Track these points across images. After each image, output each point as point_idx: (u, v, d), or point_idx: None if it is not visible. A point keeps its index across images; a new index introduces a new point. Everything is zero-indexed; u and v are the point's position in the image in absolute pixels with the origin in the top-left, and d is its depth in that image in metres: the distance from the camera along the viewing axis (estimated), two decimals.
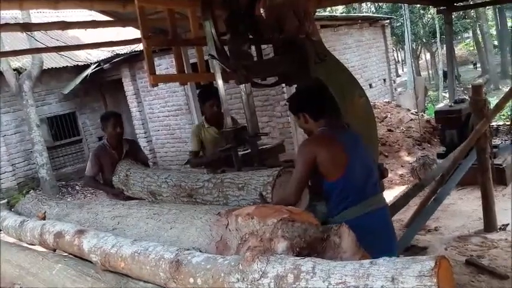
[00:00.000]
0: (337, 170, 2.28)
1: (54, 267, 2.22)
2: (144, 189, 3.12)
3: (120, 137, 3.88)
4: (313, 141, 2.39)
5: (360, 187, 2.33)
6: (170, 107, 9.79)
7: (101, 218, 2.55)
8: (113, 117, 3.86)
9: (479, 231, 4.38)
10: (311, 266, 1.21)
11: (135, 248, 1.74)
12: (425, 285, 1.01)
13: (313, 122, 2.40)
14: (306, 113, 2.40)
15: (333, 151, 2.27)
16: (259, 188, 2.34)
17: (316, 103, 2.41)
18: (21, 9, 7.82)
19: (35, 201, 3.35)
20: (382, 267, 1.10)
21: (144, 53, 3.35)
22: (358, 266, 1.14)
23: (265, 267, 1.28)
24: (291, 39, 3.30)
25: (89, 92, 11.46)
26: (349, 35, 10.58)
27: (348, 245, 1.42)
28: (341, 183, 2.29)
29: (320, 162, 2.24)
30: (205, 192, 2.63)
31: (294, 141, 7.63)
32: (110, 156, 3.77)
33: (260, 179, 2.39)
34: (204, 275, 1.43)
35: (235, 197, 2.47)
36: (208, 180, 2.69)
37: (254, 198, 2.35)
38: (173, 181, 2.89)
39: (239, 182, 2.50)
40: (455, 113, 6.13)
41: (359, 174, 2.33)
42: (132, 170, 3.37)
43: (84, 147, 11.69)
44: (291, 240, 1.42)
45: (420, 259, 1.07)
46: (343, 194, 2.30)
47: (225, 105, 3.38)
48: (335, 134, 2.35)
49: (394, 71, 13.12)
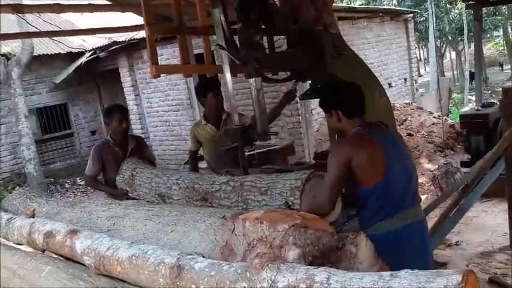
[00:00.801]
0: (374, 175, 2.22)
1: (43, 269, 2.23)
2: (151, 190, 3.08)
3: (126, 133, 3.84)
4: (348, 142, 2.33)
5: (399, 196, 2.28)
6: (170, 101, 9.81)
7: (95, 218, 2.56)
8: (118, 111, 3.79)
9: (504, 248, 4.34)
10: (325, 277, 1.22)
11: (132, 251, 1.75)
12: None
13: (346, 121, 2.34)
14: (340, 110, 2.34)
15: (370, 154, 2.21)
16: (286, 193, 2.29)
17: (351, 100, 2.36)
18: None
19: (23, 198, 3.37)
20: (404, 280, 1.10)
21: (146, 41, 3.37)
22: (377, 278, 1.14)
23: (275, 276, 1.29)
24: (306, 31, 3.31)
25: (82, 82, 11.50)
26: (369, 28, 10.57)
27: (365, 255, 1.43)
28: (378, 190, 2.23)
29: (356, 166, 2.18)
30: (223, 196, 2.59)
31: (304, 143, 7.64)
32: (114, 154, 3.72)
33: (286, 182, 2.34)
34: (207, 283, 1.44)
35: (256, 202, 2.42)
36: (226, 182, 2.64)
37: (279, 204, 2.30)
38: (185, 183, 2.85)
39: (262, 185, 2.45)
40: (483, 117, 6.12)
41: (398, 181, 2.28)
42: (139, 169, 3.32)
43: (75, 141, 11.75)
44: (303, 248, 1.44)
45: (446, 272, 1.08)
46: (380, 202, 2.25)
47: (232, 101, 3.39)
48: (372, 135, 2.30)
49: (416, 70, 13.11)
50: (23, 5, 7.02)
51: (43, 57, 10.62)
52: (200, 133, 3.96)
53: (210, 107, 3.91)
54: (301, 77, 3.65)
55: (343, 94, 2.39)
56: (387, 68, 11.17)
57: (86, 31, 7.15)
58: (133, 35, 9.16)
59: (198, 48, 5.34)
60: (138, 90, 10.40)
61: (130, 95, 10.47)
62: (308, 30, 3.30)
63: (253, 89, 3.04)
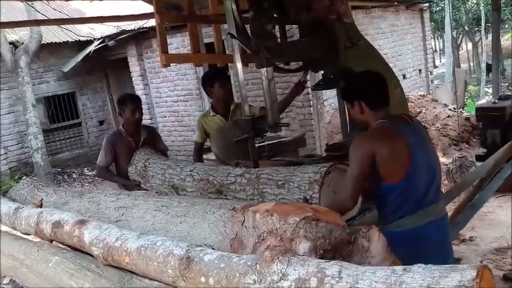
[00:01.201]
0: (398, 171, 2.17)
1: (51, 259, 2.25)
2: (164, 182, 3.07)
3: (139, 123, 3.84)
4: (371, 135, 2.25)
5: (422, 193, 2.22)
6: (179, 91, 9.83)
7: (104, 208, 2.59)
8: (131, 101, 3.80)
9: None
10: (337, 270, 1.22)
11: (141, 242, 1.76)
12: None
13: (369, 112, 2.27)
14: (363, 101, 2.27)
15: (394, 148, 2.15)
16: (304, 187, 2.25)
17: (375, 90, 2.30)
18: None
19: (31, 187, 3.40)
20: (417, 275, 1.10)
21: (155, 30, 3.38)
22: (390, 273, 1.14)
23: (285, 269, 1.29)
24: (319, 20, 3.29)
25: (91, 70, 11.54)
26: (383, 18, 10.49)
27: (377, 250, 1.43)
28: (401, 186, 2.17)
29: (379, 160, 2.12)
30: (238, 189, 2.57)
31: (316, 135, 7.62)
32: (126, 145, 3.72)
33: (305, 175, 2.30)
34: (217, 274, 1.45)
35: (273, 195, 2.39)
36: (241, 175, 2.63)
37: (297, 198, 2.27)
38: (199, 175, 2.83)
39: (279, 178, 2.41)
40: (499, 110, 6.07)
41: (422, 177, 2.22)
42: (152, 160, 3.30)
43: (83, 131, 11.81)
44: (315, 241, 1.44)
45: (460, 268, 1.07)
46: (402, 199, 2.19)
47: (243, 92, 3.38)
48: (397, 128, 2.22)
49: (431, 61, 12.99)
50: None
51: (51, 46, 10.66)
52: (208, 124, 3.97)
53: (217, 97, 3.92)
54: (313, 67, 3.64)
55: (367, 84, 2.32)
56: (402, 58, 11.08)
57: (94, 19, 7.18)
58: (142, 23, 9.17)
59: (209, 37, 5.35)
60: (147, 79, 10.42)
61: (139, 85, 10.50)
62: (321, 19, 3.28)
63: (265, 79, 3.04)
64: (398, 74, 10.09)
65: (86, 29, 11.24)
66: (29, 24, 8.80)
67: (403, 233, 2.16)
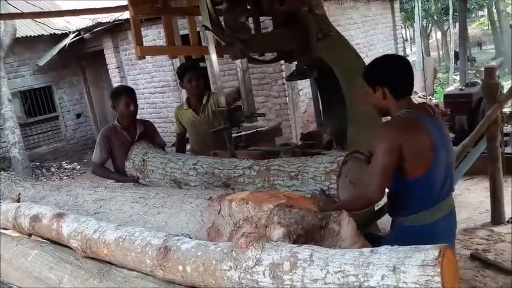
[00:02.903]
0: (420, 166, 2.03)
1: (30, 253, 2.24)
2: (165, 176, 2.93)
3: (134, 116, 3.61)
4: (397, 125, 2.08)
5: (439, 188, 2.12)
6: (157, 82, 9.74)
7: (82, 201, 2.56)
8: (125, 93, 3.58)
9: (486, 224, 4.43)
10: (308, 254, 1.25)
11: (119, 233, 1.77)
12: (428, 275, 1.06)
13: (392, 100, 2.11)
14: (388, 87, 2.10)
15: (420, 142, 2.01)
16: (320, 177, 2.16)
17: (402, 78, 2.15)
18: None
19: (8, 182, 3.34)
20: (384, 256, 1.14)
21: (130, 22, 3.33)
22: (358, 255, 1.18)
23: (260, 255, 1.32)
24: (292, 12, 3.30)
25: (67, 64, 11.34)
26: (355, 9, 10.54)
27: (347, 233, 1.46)
28: (421, 182, 2.05)
29: (405, 153, 1.97)
30: (247, 181, 2.46)
31: (292, 124, 7.66)
32: (122, 139, 3.55)
33: (320, 166, 2.20)
34: (194, 263, 1.47)
35: (285, 187, 2.29)
36: (249, 167, 2.52)
37: (312, 189, 2.17)
38: (204, 168, 2.71)
39: (291, 169, 2.31)
40: (466, 97, 6.20)
41: (441, 173, 2.10)
42: (150, 154, 3.16)
43: (60, 124, 11.63)
44: (288, 227, 1.47)
45: (423, 248, 1.11)
46: (420, 194, 2.08)
47: (218, 83, 3.38)
48: (423, 121, 2.06)
49: (402, 50, 13.11)
50: None
51: (26, 39, 10.43)
52: (182, 117, 3.97)
53: (188, 91, 3.92)
54: (287, 58, 3.66)
55: (394, 70, 2.16)
56: (373, 48, 11.17)
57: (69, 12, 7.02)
58: (117, 16, 9.02)
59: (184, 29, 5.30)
60: (123, 71, 10.29)
61: (115, 77, 10.35)
62: (294, 11, 3.29)
63: (240, 70, 3.04)
64: None
65: (61, 22, 11.02)
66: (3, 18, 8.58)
67: (417, 229, 2.09)
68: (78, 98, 11.92)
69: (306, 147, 3.43)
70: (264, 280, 1.29)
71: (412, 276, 1.07)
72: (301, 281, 1.21)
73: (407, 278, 1.07)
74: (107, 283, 1.78)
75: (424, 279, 1.05)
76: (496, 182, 4.40)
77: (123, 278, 1.76)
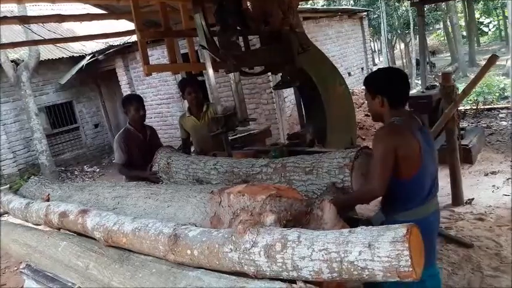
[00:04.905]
0: (410, 169, 1.99)
1: (60, 244, 2.24)
2: (189, 176, 2.86)
3: (143, 120, 3.66)
4: (393, 131, 2.02)
5: (428, 188, 2.08)
6: (162, 95, 9.72)
7: (102, 198, 2.55)
8: (135, 100, 3.62)
9: (447, 206, 4.47)
10: (296, 236, 1.26)
11: (135, 225, 1.77)
12: (398, 250, 1.07)
13: (388, 108, 2.07)
14: (386, 97, 2.06)
15: (411, 147, 1.97)
16: (334, 171, 2.09)
17: (400, 90, 2.09)
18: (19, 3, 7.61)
19: (38, 184, 3.33)
20: (360, 235, 1.15)
21: (138, 45, 3.33)
22: (338, 235, 1.19)
23: (255, 238, 1.33)
24: (276, 31, 3.31)
25: (84, 82, 11.27)
26: (330, 26, 10.58)
27: (329, 217, 1.47)
28: (411, 183, 2.02)
29: (398, 156, 1.93)
30: (265, 178, 2.38)
31: (279, 127, 7.68)
32: (136, 139, 3.58)
33: (333, 161, 2.13)
34: (200, 247, 1.48)
35: (301, 181, 2.21)
36: (266, 165, 2.43)
37: (327, 182, 2.11)
38: (224, 167, 2.64)
39: (306, 165, 2.23)
40: (427, 98, 6.22)
41: (429, 173, 2.07)
42: (174, 157, 3.10)
43: (81, 134, 11.56)
44: (278, 214, 1.48)
45: (394, 227, 1.13)
46: (410, 194, 2.05)
47: (215, 93, 3.39)
48: (413, 130, 2.02)
49: (371, 60, 13.17)
50: (28, 16, 6.81)
51: (48, 62, 10.36)
52: (186, 123, 3.97)
53: (189, 102, 3.91)
54: (273, 71, 3.68)
55: (394, 82, 2.09)
56: (346, 59, 11.22)
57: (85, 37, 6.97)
58: (126, 39, 8.99)
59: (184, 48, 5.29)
60: (133, 86, 10.25)
61: (126, 92, 10.28)
62: (277, 30, 3.30)
63: (233, 82, 3.05)
64: (344, 73, 10.24)
65: (78, 46, 10.99)
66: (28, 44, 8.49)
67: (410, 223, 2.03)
68: (95, 110, 11.86)
69: (292, 146, 3.45)
70: (259, 259, 1.30)
71: (385, 251, 1.08)
72: (291, 259, 1.22)
73: (381, 253, 1.08)
74: (127, 267, 1.79)
75: (395, 253, 1.07)
76: (455, 170, 4.43)
77: (141, 262, 1.77)
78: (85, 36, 6.81)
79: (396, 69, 2.27)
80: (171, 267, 1.63)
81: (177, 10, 3.78)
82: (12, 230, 2.73)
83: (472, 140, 5.87)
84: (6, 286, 4.67)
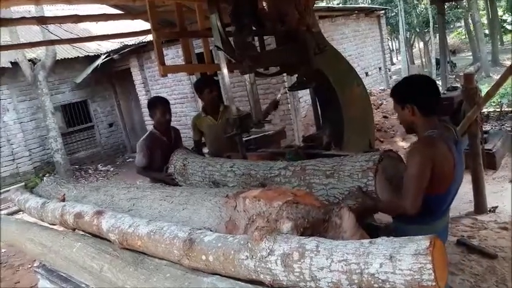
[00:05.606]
0: (441, 185, 1.92)
1: (75, 245, 2.26)
2: (205, 178, 2.83)
3: (168, 123, 3.64)
4: (429, 144, 1.92)
5: (449, 203, 2.03)
6: (176, 95, 9.77)
7: (117, 199, 2.57)
8: (161, 103, 3.59)
9: (470, 213, 4.35)
10: (315, 245, 1.24)
11: (150, 228, 1.77)
12: (420, 263, 1.04)
13: (420, 117, 1.99)
14: (417, 105, 1.98)
15: (445, 162, 1.90)
16: (357, 175, 2.02)
17: (430, 97, 2.00)
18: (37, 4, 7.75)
19: (54, 184, 3.38)
20: (381, 246, 1.13)
21: (153, 44, 3.34)
22: (358, 245, 1.17)
23: (272, 246, 1.31)
24: (292, 31, 3.29)
25: (99, 81, 11.42)
26: (346, 25, 10.49)
27: (348, 226, 1.45)
28: (438, 199, 1.95)
29: (434, 171, 1.86)
30: (283, 181, 2.32)
31: (294, 128, 7.64)
32: (161, 143, 3.56)
33: (356, 164, 2.07)
34: (215, 253, 1.47)
35: (322, 185, 2.14)
36: (284, 167, 2.38)
37: (350, 186, 2.03)
38: (241, 170, 2.60)
39: (326, 168, 2.16)
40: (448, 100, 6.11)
41: (456, 190, 2.01)
42: (190, 159, 3.09)
43: (95, 133, 11.72)
44: (295, 221, 1.46)
45: (416, 239, 1.10)
46: (434, 208, 1.97)
47: (229, 94, 3.38)
48: (449, 144, 1.94)
49: (388, 59, 13.06)
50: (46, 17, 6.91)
51: (65, 61, 10.51)
52: (201, 124, 3.95)
53: (206, 101, 3.88)
54: (288, 71, 3.65)
55: (422, 90, 2.01)
56: (364, 59, 11.11)
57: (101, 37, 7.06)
58: (141, 38, 9.07)
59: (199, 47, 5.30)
60: (148, 86, 10.33)
61: (141, 91, 10.41)
62: (293, 30, 3.28)
63: (248, 83, 3.04)
64: (361, 73, 10.13)
65: (94, 45, 11.13)
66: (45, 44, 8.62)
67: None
68: (110, 109, 12.00)
69: (308, 148, 3.42)
70: (276, 268, 1.28)
71: (407, 264, 1.06)
72: (309, 269, 1.20)
73: (403, 266, 1.06)
74: (141, 270, 1.79)
75: (417, 267, 1.04)
76: (478, 175, 4.32)
77: (155, 266, 1.77)
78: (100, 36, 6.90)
79: (422, 75, 2.18)
80: (186, 272, 1.62)
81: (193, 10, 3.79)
82: (28, 229, 2.77)
83: (496, 144, 5.74)
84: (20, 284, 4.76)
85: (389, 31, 22.96)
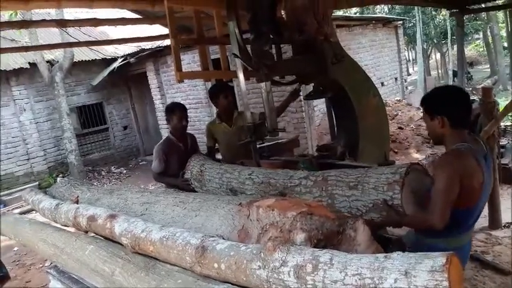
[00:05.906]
0: (469, 200, 1.87)
1: (87, 248, 2.27)
2: (222, 185, 2.80)
3: (185, 129, 3.68)
4: (458, 158, 1.87)
5: (475, 218, 1.98)
6: (191, 100, 9.84)
7: (130, 203, 2.59)
8: (178, 109, 3.62)
9: (484, 228, 4.29)
10: (329, 258, 1.23)
11: (163, 233, 1.78)
12: (436, 280, 1.03)
13: (450, 129, 1.94)
14: (447, 117, 1.93)
15: (474, 176, 1.85)
16: (382, 188, 1.97)
17: (460, 109, 1.95)
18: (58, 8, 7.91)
19: (68, 186, 3.43)
20: (396, 261, 1.11)
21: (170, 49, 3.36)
22: (373, 259, 1.15)
23: (285, 257, 1.31)
24: (309, 40, 3.30)
25: (115, 84, 11.57)
26: (363, 35, 10.47)
27: (362, 239, 1.44)
28: (467, 213, 1.91)
29: (461, 185, 1.81)
30: (303, 191, 2.28)
31: (308, 136, 7.62)
32: (177, 149, 3.58)
33: (381, 176, 2.01)
34: (227, 261, 1.47)
35: (344, 197, 2.09)
36: (305, 177, 2.34)
37: (374, 199, 1.98)
38: (260, 178, 2.55)
39: (350, 180, 2.11)
40: None
41: (484, 204, 1.97)
42: (207, 165, 3.06)
43: (110, 135, 11.86)
44: (309, 232, 1.45)
45: (432, 255, 1.08)
46: (460, 223, 1.92)
47: (245, 100, 3.39)
48: (478, 158, 1.89)
49: (405, 70, 12.96)
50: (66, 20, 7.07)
51: (82, 63, 10.70)
52: (215, 130, 3.95)
53: (221, 107, 3.88)
54: (305, 81, 3.65)
55: (454, 101, 1.96)
56: (380, 68, 11.07)
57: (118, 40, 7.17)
58: (158, 43, 9.18)
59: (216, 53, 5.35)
60: (163, 90, 10.42)
61: (156, 95, 10.50)
62: (311, 40, 3.29)
63: (264, 91, 3.04)
64: (377, 83, 10.08)
65: (111, 48, 11.30)
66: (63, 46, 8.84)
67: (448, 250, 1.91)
68: (125, 112, 12.13)
69: (322, 158, 3.40)
70: (289, 279, 1.28)
71: (422, 281, 1.04)
72: (322, 282, 1.19)
73: (418, 282, 1.05)
74: (153, 276, 1.80)
75: (433, 284, 1.03)
76: (494, 190, 4.25)
77: (166, 272, 1.78)
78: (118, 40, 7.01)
79: (454, 86, 2.14)
80: (197, 279, 1.63)
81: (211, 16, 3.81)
82: (42, 229, 2.80)
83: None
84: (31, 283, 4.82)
85: (407, 41, 22.84)
